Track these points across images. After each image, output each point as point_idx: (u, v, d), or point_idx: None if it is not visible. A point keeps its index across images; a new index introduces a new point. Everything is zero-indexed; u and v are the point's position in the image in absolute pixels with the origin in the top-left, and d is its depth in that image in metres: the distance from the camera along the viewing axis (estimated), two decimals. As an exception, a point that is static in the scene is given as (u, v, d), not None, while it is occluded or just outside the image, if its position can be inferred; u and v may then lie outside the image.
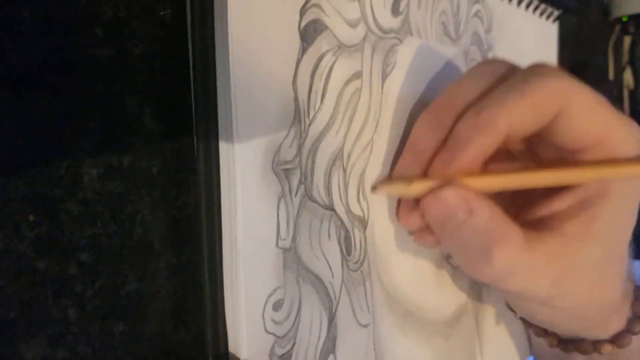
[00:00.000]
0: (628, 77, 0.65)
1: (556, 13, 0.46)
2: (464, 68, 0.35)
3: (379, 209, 0.28)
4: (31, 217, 0.18)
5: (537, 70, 0.24)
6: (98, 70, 0.19)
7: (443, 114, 0.25)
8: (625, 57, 0.65)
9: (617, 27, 0.63)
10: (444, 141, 0.25)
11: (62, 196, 0.19)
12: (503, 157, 0.26)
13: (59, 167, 0.19)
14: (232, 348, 0.22)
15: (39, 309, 0.18)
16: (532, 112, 0.24)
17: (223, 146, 0.21)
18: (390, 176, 0.28)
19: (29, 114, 0.18)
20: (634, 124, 0.25)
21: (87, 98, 0.19)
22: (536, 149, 0.27)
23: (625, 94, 0.65)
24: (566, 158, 0.25)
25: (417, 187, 0.25)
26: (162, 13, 0.21)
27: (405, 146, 0.27)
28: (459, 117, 0.25)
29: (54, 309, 0.18)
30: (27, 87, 0.18)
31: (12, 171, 0.17)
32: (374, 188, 0.27)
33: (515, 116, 0.23)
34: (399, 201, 0.28)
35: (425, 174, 0.25)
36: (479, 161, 0.24)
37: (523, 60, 0.34)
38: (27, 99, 0.18)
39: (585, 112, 0.24)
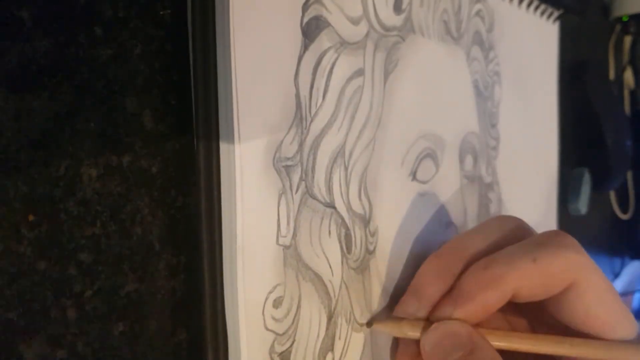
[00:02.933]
0: (629, 76, 0.65)
1: (557, 13, 0.46)
2: (466, 68, 0.35)
3: (380, 208, 0.28)
4: (31, 217, 0.18)
5: (554, 238, 0.25)
6: (98, 70, 0.19)
7: (451, 262, 0.25)
8: (626, 57, 0.64)
9: (618, 27, 0.63)
10: (450, 289, 0.25)
11: (62, 196, 0.19)
12: (507, 307, 0.26)
13: (59, 167, 0.19)
14: (232, 345, 0.22)
15: (39, 309, 0.18)
16: (542, 281, 0.24)
17: (224, 142, 0.21)
18: (389, 314, 0.27)
19: (29, 114, 0.18)
20: (634, 320, 0.25)
21: (87, 98, 0.19)
22: (538, 311, 0.26)
23: (626, 93, 0.65)
24: (566, 328, 0.25)
25: (417, 328, 0.25)
26: (162, 13, 0.21)
27: (409, 288, 0.26)
28: (466, 268, 0.25)
29: (54, 309, 0.18)
30: (27, 87, 0.18)
31: (12, 171, 0.17)
32: (369, 323, 0.27)
33: (524, 280, 0.23)
34: (396, 343, 0.27)
35: (426, 320, 0.25)
36: (482, 316, 0.24)
37: (523, 60, 0.34)
38: (27, 99, 0.18)
39: (595, 296, 0.24)
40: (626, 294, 0.72)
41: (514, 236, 0.26)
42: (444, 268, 0.25)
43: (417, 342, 0.25)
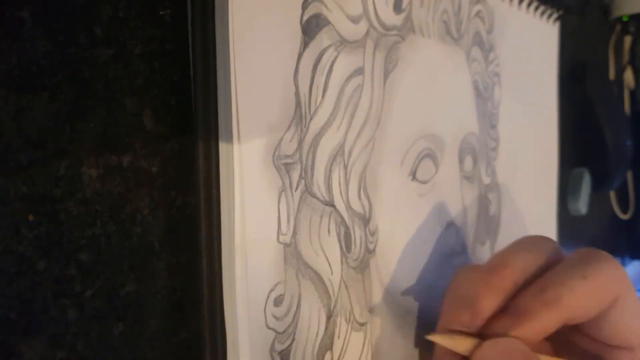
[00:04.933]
0: (629, 76, 0.65)
1: (557, 13, 0.46)
2: (466, 68, 0.35)
3: (380, 207, 0.28)
4: (31, 217, 0.18)
5: (595, 255, 0.26)
6: (98, 70, 0.19)
7: (505, 280, 0.26)
8: (626, 57, 0.64)
9: (618, 27, 0.63)
10: (503, 306, 0.25)
11: (62, 196, 0.19)
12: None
13: (59, 167, 0.19)
14: (231, 344, 0.22)
15: (39, 309, 0.18)
16: (594, 297, 0.24)
17: (223, 140, 0.21)
18: (443, 327, 0.27)
19: (29, 114, 0.18)
20: None
21: (87, 98, 0.19)
22: (573, 339, 0.27)
23: (626, 93, 0.65)
24: (601, 352, 0.26)
25: (468, 342, 0.25)
26: (162, 13, 0.21)
27: (460, 300, 0.26)
28: (515, 286, 0.26)
29: (54, 309, 0.18)
30: (27, 87, 0.18)
31: (12, 171, 0.17)
32: (430, 335, 0.26)
33: (579, 299, 0.24)
34: (439, 352, 0.28)
35: (478, 333, 0.26)
36: (538, 337, 0.25)
37: (523, 60, 0.34)
38: (27, 99, 0.18)
39: (634, 308, 0.25)
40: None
41: (554, 256, 0.27)
42: (497, 284, 0.26)
43: (457, 355, 0.25)
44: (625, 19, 0.61)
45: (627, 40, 0.64)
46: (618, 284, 0.24)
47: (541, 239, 0.28)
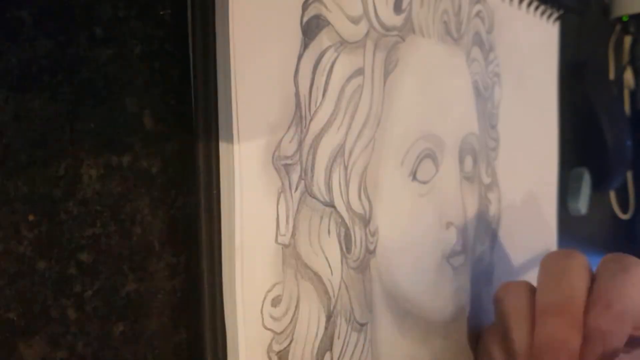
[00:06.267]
0: (628, 76, 0.65)
1: (557, 13, 0.46)
2: (466, 68, 0.35)
3: (380, 207, 0.28)
4: (31, 217, 0.18)
5: (626, 257, 0.29)
6: (98, 70, 0.19)
7: (575, 313, 0.27)
8: (626, 57, 0.64)
9: (618, 27, 0.63)
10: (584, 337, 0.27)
11: (62, 196, 0.19)
12: None
13: (59, 167, 0.19)
14: (230, 344, 0.22)
15: (39, 309, 0.18)
16: None
17: (223, 141, 0.21)
18: None
19: (29, 114, 0.18)
20: None
21: (87, 98, 0.19)
22: None
23: (626, 93, 0.65)
24: None
25: None
26: (161, 13, 0.21)
27: (554, 349, 0.27)
28: (584, 312, 0.27)
29: (54, 309, 0.18)
30: (27, 87, 0.18)
31: (12, 171, 0.17)
32: None
33: (636, 304, 0.26)
34: None
35: None
36: (620, 352, 0.27)
37: (523, 60, 0.34)
38: (27, 99, 0.18)
39: None
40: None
41: (589, 268, 0.29)
42: (574, 320, 0.27)
43: None
44: (625, 19, 0.61)
45: (627, 40, 0.64)
46: None
47: (575, 255, 0.30)
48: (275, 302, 0.23)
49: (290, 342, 0.23)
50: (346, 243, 0.26)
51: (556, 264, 0.30)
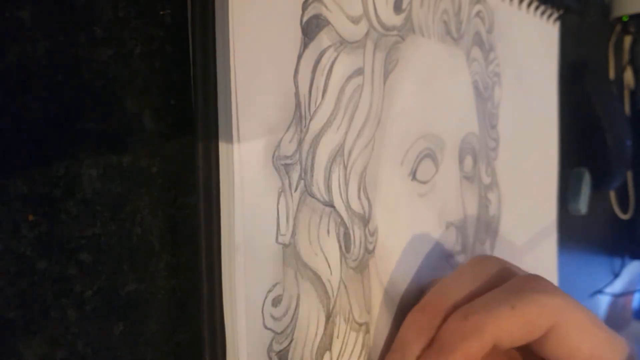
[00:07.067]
0: (629, 76, 0.65)
1: (557, 13, 0.46)
2: (466, 68, 0.35)
3: (380, 207, 0.28)
4: (31, 217, 0.18)
5: (531, 284, 0.25)
6: (98, 70, 0.19)
7: (432, 315, 0.26)
8: (626, 57, 0.64)
9: (618, 27, 0.63)
10: (432, 342, 0.25)
11: (62, 196, 0.19)
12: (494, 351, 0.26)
13: (59, 167, 0.19)
14: (230, 344, 0.22)
15: (39, 309, 0.18)
16: (522, 327, 0.24)
17: (223, 141, 0.21)
18: None
19: (29, 114, 0.18)
20: (623, 342, 0.25)
21: (87, 98, 0.19)
22: (524, 355, 0.27)
23: (626, 93, 0.65)
24: None
25: None
26: (162, 13, 0.21)
27: (394, 345, 0.27)
28: (446, 317, 0.25)
29: (54, 309, 0.18)
30: (27, 87, 0.18)
31: (12, 171, 0.17)
32: None
33: (504, 328, 0.24)
34: None
35: None
36: None
37: (523, 60, 0.34)
38: (27, 99, 0.18)
39: (577, 332, 0.24)
40: (626, 294, 0.72)
41: (497, 279, 0.27)
42: (426, 322, 0.26)
43: None
44: (625, 19, 0.61)
45: (627, 40, 0.64)
46: (552, 314, 0.24)
47: (485, 261, 0.28)
48: (276, 302, 0.23)
49: (290, 342, 0.23)
50: (345, 243, 0.26)
51: (461, 267, 0.28)
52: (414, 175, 0.30)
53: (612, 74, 0.62)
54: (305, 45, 0.24)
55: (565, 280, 0.52)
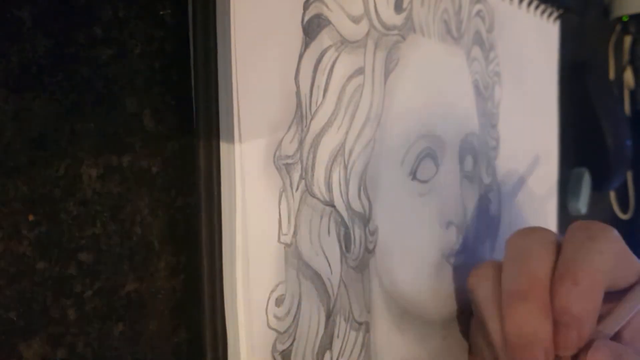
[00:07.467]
0: (629, 76, 0.65)
1: (557, 13, 0.46)
2: (466, 68, 0.35)
3: (380, 207, 0.28)
4: (31, 217, 0.18)
5: (588, 225, 0.27)
6: (98, 70, 0.19)
7: (540, 296, 0.26)
8: (626, 57, 0.64)
9: (618, 27, 0.63)
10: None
11: (62, 196, 0.19)
12: None
13: (59, 167, 0.19)
14: (231, 345, 0.22)
15: (39, 309, 0.18)
16: (612, 259, 0.26)
17: (224, 141, 0.21)
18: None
19: (29, 114, 0.18)
20: None
21: (87, 98, 0.19)
22: None
23: (626, 93, 0.65)
24: None
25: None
26: (162, 13, 0.21)
27: (525, 344, 0.25)
28: (551, 292, 0.25)
29: (54, 309, 0.18)
30: (27, 87, 0.18)
31: (12, 171, 0.17)
32: None
33: (606, 267, 0.25)
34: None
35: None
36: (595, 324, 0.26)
37: (524, 60, 0.34)
38: (27, 99, 0.18)
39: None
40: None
41: (558, 244, 0.28)
42: (541, 305, 0.26)
43: None
44: (625, 19, 0.61)
45: (627, 40, 0.64)
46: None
47: (537, 230, 0.29)
48: (279, 301, 0.23)
49: (293, 341, 0.23)
50: (346, 242, 0.26)
51: (516, 244, 0.28)
52: (414, 175, 0.30)
53: (612, 74, 0.62)
54: (306, 44, 0.24)
55: (565, 280, 0.52)
